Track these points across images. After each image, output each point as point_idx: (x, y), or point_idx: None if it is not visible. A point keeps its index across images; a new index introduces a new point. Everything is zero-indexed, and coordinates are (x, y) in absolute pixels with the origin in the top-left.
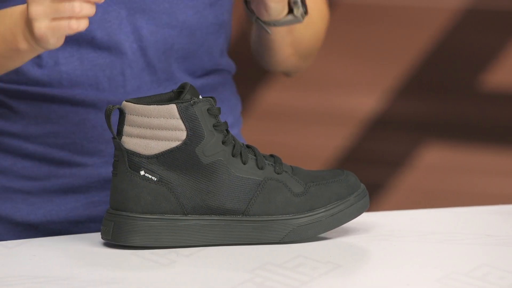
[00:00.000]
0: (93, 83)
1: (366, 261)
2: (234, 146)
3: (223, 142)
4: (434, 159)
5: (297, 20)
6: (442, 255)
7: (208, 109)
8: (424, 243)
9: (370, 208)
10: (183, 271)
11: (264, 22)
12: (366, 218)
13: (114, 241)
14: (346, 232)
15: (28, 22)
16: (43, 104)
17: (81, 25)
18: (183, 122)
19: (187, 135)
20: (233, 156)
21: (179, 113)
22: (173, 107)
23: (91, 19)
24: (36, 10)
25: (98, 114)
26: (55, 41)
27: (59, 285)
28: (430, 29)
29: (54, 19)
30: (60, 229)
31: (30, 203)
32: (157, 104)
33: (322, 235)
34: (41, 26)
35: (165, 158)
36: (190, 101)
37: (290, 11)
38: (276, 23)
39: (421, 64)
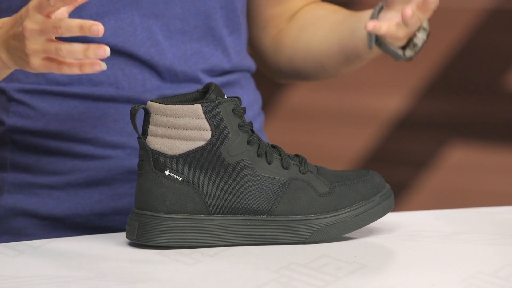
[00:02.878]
0: (113, 82)
1: (391, 261)
2: (259, 146)
3: (248, 142)
4: (459, 159)
5: (398, 57)
6: (467, 255)
7: (233, 109)
8: (449, 243)
9: (395, 208)
10: (208, 271)
11: (381, 43)
12: (391, 218)
13: (139, 241)
14: (371, 232)
15: (19, 54)
16: (63, 101)
17: (73, 70)
18: (208, 122)
19: (212, 135)
20: (258, 156)
21: (204, 113)
22: (198, 107)
23: (104, 27)
24: (32, 48)
25: (119, 108)
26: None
27: (84, 284)
28: (455, 30)
29: (47, 58)
30: (86, 222)
31: (56, 197)
32: (182, 104)
33: (347, 235)
34: (36, 62)
35: (190, 158)
36: (215, 101)
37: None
38: (385, 48)
39: (446, 64)
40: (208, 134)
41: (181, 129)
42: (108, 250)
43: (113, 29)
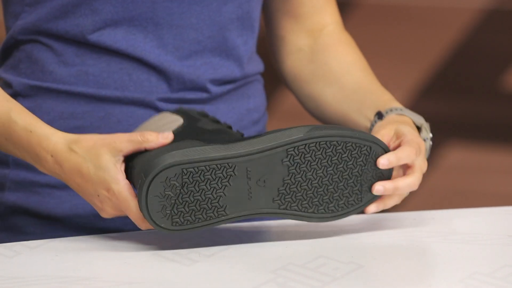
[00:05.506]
0: (119, 86)
1: (388, 262)
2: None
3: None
4: (457, 159)
5: None
6: (465, 256)
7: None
8: (447, 243)
9: (392, 208)
10: (205, 271)
11: None
12: (388, 218)
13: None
14: (368, 233)
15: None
16: (68, 100)
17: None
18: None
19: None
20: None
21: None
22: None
23: (115, 32)
24: (110, 215)
25: (123, 108)
26: None
27: (81, 285)
28: (452, 30)
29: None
30: (86, 223)
31: (56, 197)
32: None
33: (345, 235)
34: (107, 217)
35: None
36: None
37: None
38: None
39: (443, 65)
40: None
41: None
42: (105, 251)
43: (124, 33)
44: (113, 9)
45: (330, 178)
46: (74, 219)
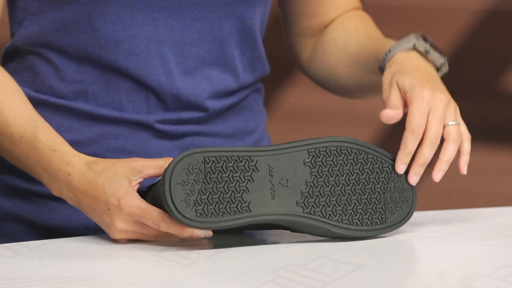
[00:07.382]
0: (117, 107)
1: (387, 262)
2: None
3: None
4: (456, 159)
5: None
6: (464, 256)
7: None
8: (446, 244)
9: None
10: (205, 272)
11: None
12: None
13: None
14: None
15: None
16: (66, 114)
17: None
18: None
19: None
20: None
21: None
22: None
23: (117, 51)
24: (120, 232)
25: (121, 125)
26: None
27: (80, 285)
28: (452, 30)
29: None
30: (79, 236)
31: (51, 208)
32: None
33: None
34: (118, 236)
35: None
36: None
37: None
38: None
39: None
40: None
41: None
42: (104, 251)
43: (126, 53)
44: (113, 27)
45: (353, 187)
46: (67, 231)
